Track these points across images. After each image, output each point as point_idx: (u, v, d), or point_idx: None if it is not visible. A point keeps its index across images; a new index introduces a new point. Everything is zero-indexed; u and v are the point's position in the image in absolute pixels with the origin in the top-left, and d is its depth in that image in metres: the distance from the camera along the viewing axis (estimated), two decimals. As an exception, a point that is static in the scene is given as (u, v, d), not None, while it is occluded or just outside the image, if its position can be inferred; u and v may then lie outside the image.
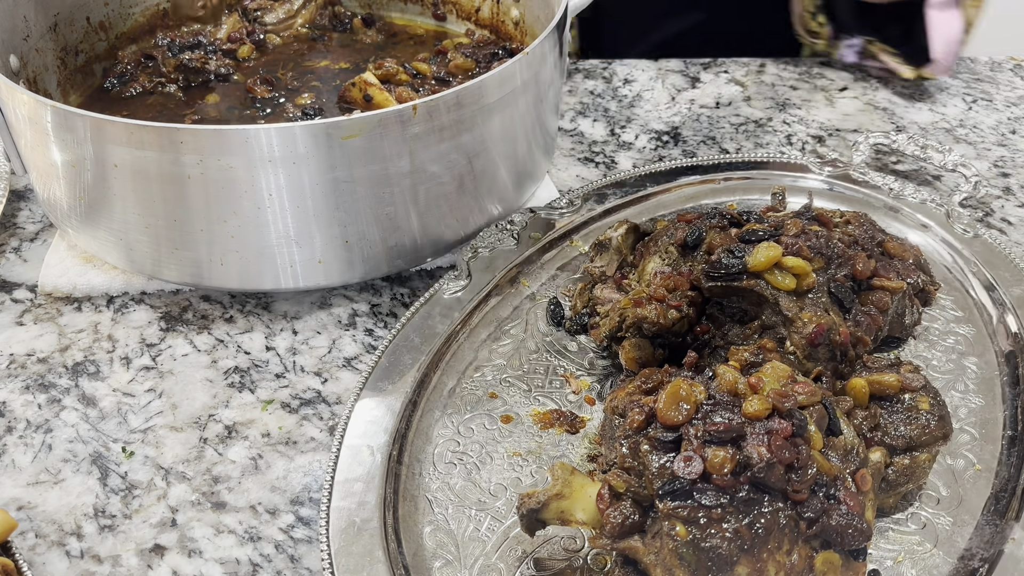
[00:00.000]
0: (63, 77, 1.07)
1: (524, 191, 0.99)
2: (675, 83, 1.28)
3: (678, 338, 0.77)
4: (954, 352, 0.82)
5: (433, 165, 0.85)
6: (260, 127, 0.78)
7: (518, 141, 0.93)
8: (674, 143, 1.16)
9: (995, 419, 0.76)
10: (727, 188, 1.02)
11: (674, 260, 0.81)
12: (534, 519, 0.64)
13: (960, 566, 0.65)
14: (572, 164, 1.12)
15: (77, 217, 0.89)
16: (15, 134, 0.89)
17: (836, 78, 1.29)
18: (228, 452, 0.77)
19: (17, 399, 0.82)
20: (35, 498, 0.74)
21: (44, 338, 0.88)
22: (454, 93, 0.82)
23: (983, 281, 0.88)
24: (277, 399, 0.82)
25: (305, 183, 0.81)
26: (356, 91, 1.01)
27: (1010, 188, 1.08)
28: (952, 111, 1.22)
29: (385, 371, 0.79)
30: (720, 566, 0.57)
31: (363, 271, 0.89)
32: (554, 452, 0.75)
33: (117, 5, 1.13)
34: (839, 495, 0.59)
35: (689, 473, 0.58)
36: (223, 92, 1.08)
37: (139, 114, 1.03)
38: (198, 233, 0.84)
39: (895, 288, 0.78)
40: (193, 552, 0.70)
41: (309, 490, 0.74)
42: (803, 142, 1.16)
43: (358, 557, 0.65)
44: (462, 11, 1.22)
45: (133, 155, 0.79)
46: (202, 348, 0.87)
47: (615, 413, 0.68)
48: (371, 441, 0.73)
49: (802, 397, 0.63)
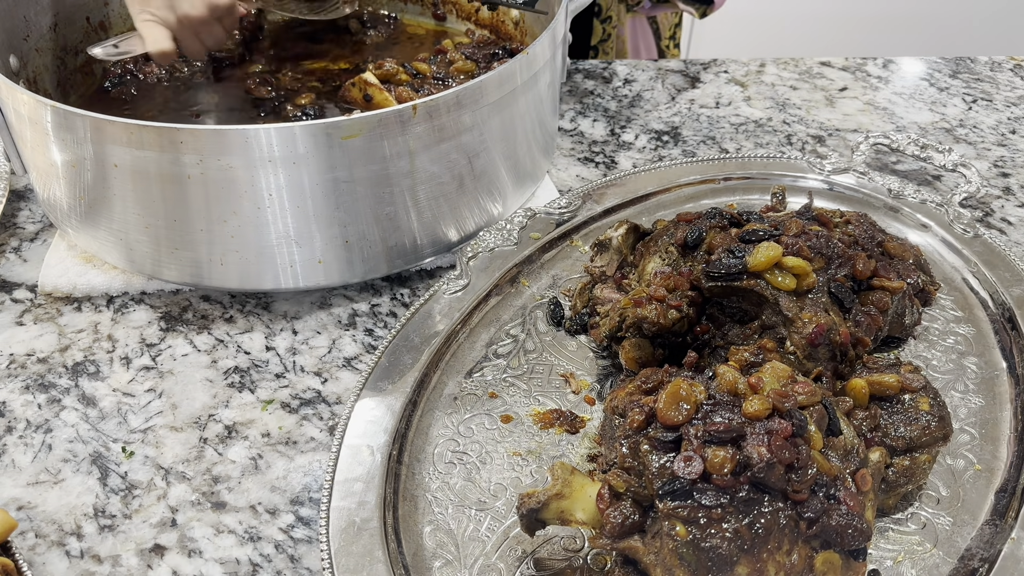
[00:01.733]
0: (63, 77, 1.07)
1: (524, 191, 0.99)
2: (675, 83, 1.28)
3: (678, 338, 0.77)
4: (954, 352, 0.82)
5: (433, 165, 0.85)
6: (260, 127, 0.78)
7: (518, 141, 0.93)
8: (674, 143, 1.16)
9: (995, 419, 0.76)
10: (727, 188, 1.02)
11: (674, 260, 0.81)
12: (534, 519, 0.63)
13: (960, 566, 0.65)
14: (572, 164, 1.12)
15: (77, 217, 0.89)
16: (15, 134, 0.89)
17: (836, 78, 1.29)
18: (228, 452, 0.77)
19: (17, 399, 0.82)
20: (35, 498, 0.74)
21: (44, 338, 0.88)
22: (454, 93, 0.82)
23: (983, 281, 0.88)
24: (277, 399, 0.82)
25: (305, 183, 0.81)
26: (356, 91, 1.01)
27: (1010, 188, 1.08)
28: (952, 111, 1.22)
29: (385, 371, 0.79)
30: (720, 566, 0.57)
31: (363, 271, 0.89)
32: (554, 452, 0.75)
33: (117, 5, 1.13)
34: (839, 495, 0.59)
35: (689, 473, 0.58)
36: (223, 92, 1.08)
37: (139, 114, 1.04)
38: (198, 233, 0.84)
39: (895, 288, 0.78)
40: (193, 552, 0.70)
41: (309, 490, 0.74)
42: (803, 142, 1.16)
43: (358, 557, 0.65)
44: (462, 11, 1.22)
45: (133, 155, 0.79)
46: (202, 348, 0.87)
47: (615, 413, 0.68)
48: (371, 441, 0.73)
49: (802, 397, 0.63)
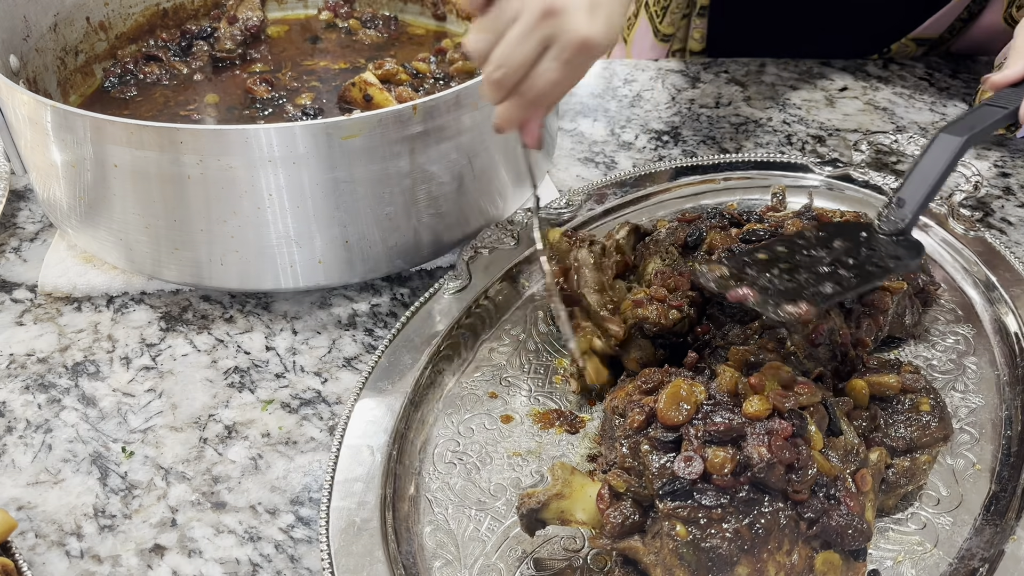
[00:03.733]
0: (63, 77, 1.07)
1: (524, 191, 0.99)
2: (675, 83, 1.28)
3: (679, 338, 0.77)
4: (954, 352, 0.82)
5: (433, 165, 0.85)
6: (260, 127, 0.78)
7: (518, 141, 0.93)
8: (674, 143, 1.16)
9: (995, 419, 0.76)
10: (727, 188, 1.01)
11: (674, 260, 0.81)
12: (534, 519, 0.64)
13: (960, 566, 0.65)
14: (572, 164, 1.12)
15: (77, 217, 0.89)
16: (15, 134, 0.89)
17: (836, 78, 1.29)
18: (228, 452, 0.77)
19: (17, 399, 0.82)
20: (35, 498, 0.74)
21: (44, 338, 0.88)
22: (454, 93, 0.82)
23: (983, 281, 0.88)
24: (277, 399, 0.82)
25: (305, 183, 0.81)
26: (356, 91, 1.01)
27: (1010, 188, 1.08)
28: (952, 111, 1.22)
29: (385, 371, 0.79)
30: (720, 566, 0.57)
31: (363, 271, 0.89)
32: (554, 452, 0.75)
33: (117, 5, 1.13)
34: (839, 495, 0.59)
35: (689, 473, 0.58)
36: (223, 92, 1.08)
37: (139, 114, 1.04)
38: (198, 233, 0.84)
39: (895, 288, 0.78)
40: (193, 552, 0.70)
41: (309, 490, 0.74)
42: (803, 142, 1.16)
43: (358, 557, 0.65)
44: (462, 11, 1.22)
45: (133, 155, 0.79)
46: (202, 348, 0.87)
47: (615, 413, 0.68)
48: (371, 441, 0.73)
49: (802, 397, 0.63)
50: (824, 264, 0.71)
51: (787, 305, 0.66)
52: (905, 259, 0.74)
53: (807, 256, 0.72)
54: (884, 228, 0.76)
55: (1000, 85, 0.83)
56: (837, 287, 0.69)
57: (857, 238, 0.75)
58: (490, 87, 0.67)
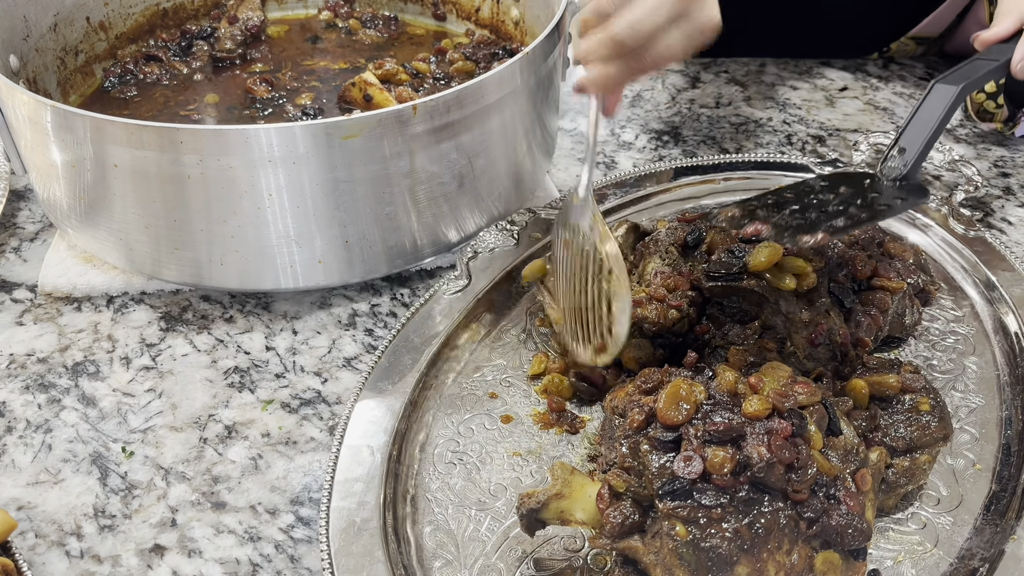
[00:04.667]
0: (63, 77, 1.07)
1: (524, 191, 0.99)
2: (675, 83, 1.28)
3: (678, 338, 0.77)
4: (954, 352, 0.82)
5: (433, 165, 0.85)
6: (260, 127, 0.78)
7: (518, 141, 0.93)
8: (674, 143, 1.16)
9: (995, 419, 0.76)
10: (727, 188, 1.01)
11: (674, 260, 0.81)
12: (534, 519, 0.64)
13: (960, 566, 0.65)
14: (572, 164, 1.12)
15: (77, 217, 0.89)
16: (15, 134, 0.89)
17: (836, 78, 1.29)
18: (228, 452, 0.77)
19: (17, 399, 0.82)
20: (35, 498, 0.74)
21: (44, 338, 0.88)
22: (454, 93, 0.82)
23: (983, 281, 0.88)
24: (277, 399, 0.82)
25: (305, 183, 0.81)
26: (356, 91, 1.01)
27: (1010, 188, 1.08)
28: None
29: (385, 371, 0.79)
30: (720, 566, 0.57)
31: (363, 271, 0.89)
32: (554, 452, 0.75)
33: (117, 5, 1.13)
34: (839, 495, 0.59)
35: (689, 473, 0.58)
36: (223, 92, 1.08)
37: (139, 114, 1.04)
38: (198, 233, 0.84)
39: (895, 288, 0.78)
40: (193, 552, 0.70)
41: (309, 490, 0.74)
42: (803, 142, 1.16)
43: (358, 557, 0.65)
44: (462, 11, 1.22)
45: (133, 155, 0.79)
46: (202, 348, 0.87)
47: (615, 413, 0.68)
48: (371, 441, 0.73)
49: (802, 397, 0.63)
50: (832, 205, 0.72)
51: (803, 236, 0.67)
52: (911, 199, 0.75)
53: (815, 200, 0.73)
54: (887, 175, 0.77)
55: (990, 41, 0.88)
56: (848, 221, 0.70)
57: (861, 185, 0.77)
58: (608, 45, 0.71)
